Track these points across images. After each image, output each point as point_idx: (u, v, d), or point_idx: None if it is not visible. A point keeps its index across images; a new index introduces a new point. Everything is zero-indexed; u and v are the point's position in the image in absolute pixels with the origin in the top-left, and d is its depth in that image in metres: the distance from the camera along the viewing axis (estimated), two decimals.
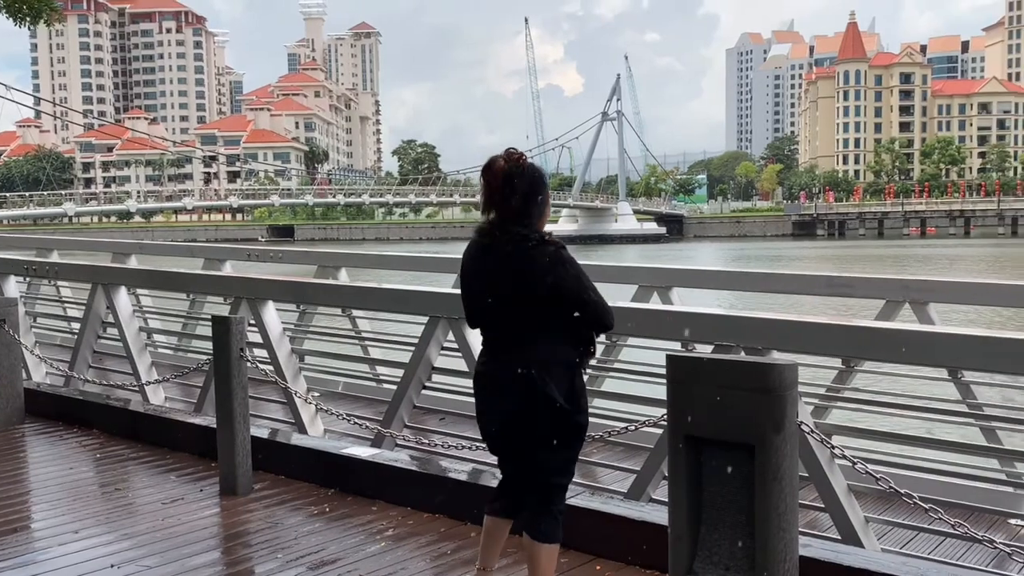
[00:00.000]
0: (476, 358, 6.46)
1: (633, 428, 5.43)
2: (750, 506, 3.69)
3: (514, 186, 3.96)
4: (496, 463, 4.40)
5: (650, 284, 8.76)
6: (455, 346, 6.80)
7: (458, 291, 8.32)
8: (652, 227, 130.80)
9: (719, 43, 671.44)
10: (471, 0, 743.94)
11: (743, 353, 5.09)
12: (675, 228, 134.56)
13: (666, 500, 4.48)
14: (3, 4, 13.87)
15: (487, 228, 4.02)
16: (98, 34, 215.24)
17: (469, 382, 6.75)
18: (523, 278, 3.91)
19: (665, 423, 4.69)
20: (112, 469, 7.07)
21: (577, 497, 5.21)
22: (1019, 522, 6.03)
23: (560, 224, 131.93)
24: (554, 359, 4.00)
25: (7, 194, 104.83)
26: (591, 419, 7.79)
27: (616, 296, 8.93)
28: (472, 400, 6.98)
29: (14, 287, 10.73)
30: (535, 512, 4.13)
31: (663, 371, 5.80)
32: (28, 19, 14.29)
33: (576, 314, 3.98)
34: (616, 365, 7.48)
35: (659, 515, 4.78)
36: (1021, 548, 4.26)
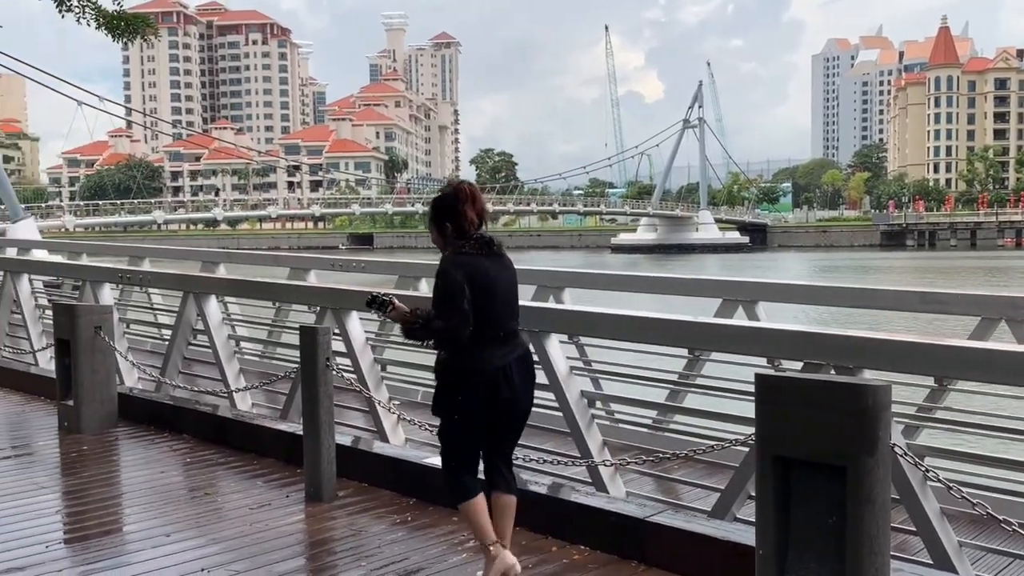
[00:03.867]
0: (561, 368, 6.50)
1: (720, 447, 5.35)
2: (840, 529, 3.62)
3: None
4: (475, 447, 4.77)
5: (735, 298, 8.64)
6: (534, 358, 6.79)
7: (540, 304, 8.44)
8: (734, 236, 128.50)
9: (805, 49, 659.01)
10: (551, 9, 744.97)
11: (833, 372, 4.99)
12: (758, 237, 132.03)
13: (751, 520, 4.42)
14: (103, 22, 14.39)
15: (490, 244, 4.61)
16: (187, 46, 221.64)
17: (548, 395, 6.77)
18: (516, 283, 4.74)
19: (752, 442, 4.63)
20: (201, 474, 7.25)
21: (660, 515, 5.17)
22: None
23: (639, 233, 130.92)
24: None
25: (99, 202, 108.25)
26: (673, 435, 7.75)
27: (699, 310, 8.84)
28: (552, 413, 7.00)
29: (109, 294, 11.11)
30: (509, 473, 4.83)
31: (747, 388, 5.72)
32: (126, 35, 14.81)
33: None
34: (698, 381, 7.39)
35: (744, 535, 4.70)
36: None
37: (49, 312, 11.38)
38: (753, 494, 4.72)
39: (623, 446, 7.61)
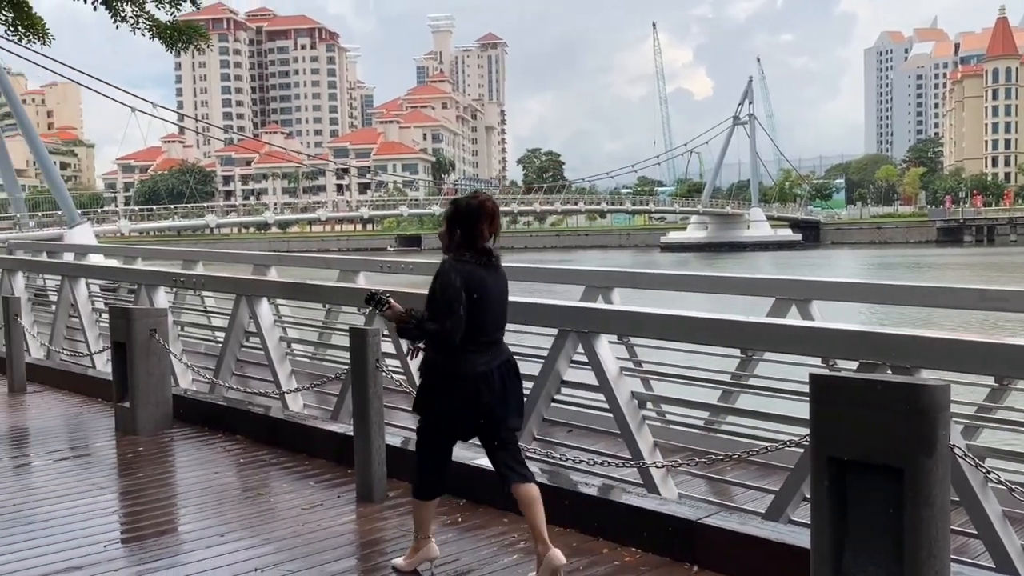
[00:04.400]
0: (611, 369, 6.46)
1: (774, 448, 5.28)
2: (898, 531, 3.54)
3: None
4: (465, 447, 5.25)
5: (788, 297, 8.50)
6: (584, 359, 6.77)
7: (588, 304, 8.45)
8: (787, 233, 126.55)
9: (857, 43, 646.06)
10: (597, 7, 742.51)
11: (889, 371, 4.88)
12: (811, 235, 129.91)
13: (806, 522, 4.35)
14: (157, 32, 14.64)
15: (489, 255, 4.74)
16: (237, 52, 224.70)
17: (599, 396, 6.73)
18: (507, 293, 4.93)
19: (806, 443, 4.55)
20: (254, 474, 7.33)
21: (713, 517, 5.11)
22: None
23: (689, 231, 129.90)
24: None
25: (153, 206, 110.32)
26: (725, 436, 7.66)
27: (751, 310, 8.73)
28: (602, 414, 6.96)
29: (163, 298, 11.28)
30: (519, 464, 4.86)
31: (801, 388, 5.62)
32: (180, 45, 15.05)
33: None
34: (751, 381, 7.29)
35: (798, 537, 4.63)
36: None
37: (106, 315, 11.60)
38: (808, 496, 4.64)
39: (674, 447, 7.54)
